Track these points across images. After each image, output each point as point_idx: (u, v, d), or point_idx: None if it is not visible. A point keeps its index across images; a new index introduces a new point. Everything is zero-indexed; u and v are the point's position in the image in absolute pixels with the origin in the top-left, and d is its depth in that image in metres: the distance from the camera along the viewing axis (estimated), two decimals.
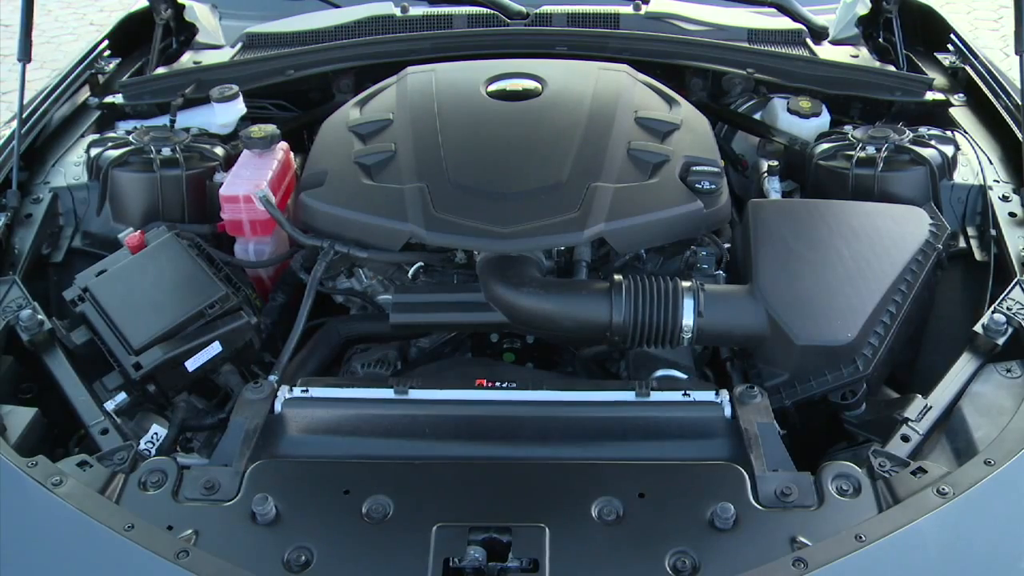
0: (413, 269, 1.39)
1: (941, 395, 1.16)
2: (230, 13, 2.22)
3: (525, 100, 1.46)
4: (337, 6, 2.14)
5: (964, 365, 1.20)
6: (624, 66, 1.62)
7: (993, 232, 1.42)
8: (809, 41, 2.00)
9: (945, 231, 1.37)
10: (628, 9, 2.01)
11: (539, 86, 1.50)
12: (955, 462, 1.06)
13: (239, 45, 2.03)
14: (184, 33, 2.04)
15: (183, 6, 2.02)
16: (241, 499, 1.01)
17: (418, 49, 1.82)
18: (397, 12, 2.01)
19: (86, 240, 1.53)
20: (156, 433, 1.23)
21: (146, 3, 1.99)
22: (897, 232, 1.34)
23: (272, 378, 1.21)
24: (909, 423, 1.13)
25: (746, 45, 1.93)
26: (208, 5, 2.18)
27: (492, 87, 1.50)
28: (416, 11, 2.02)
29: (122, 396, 1.24)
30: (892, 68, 1.86)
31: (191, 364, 1.27)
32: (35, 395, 1.28)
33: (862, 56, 1.93)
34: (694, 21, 1.99)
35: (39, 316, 1.28)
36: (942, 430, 1.13)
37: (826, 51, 1.96)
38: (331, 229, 1.36)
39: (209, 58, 1.97)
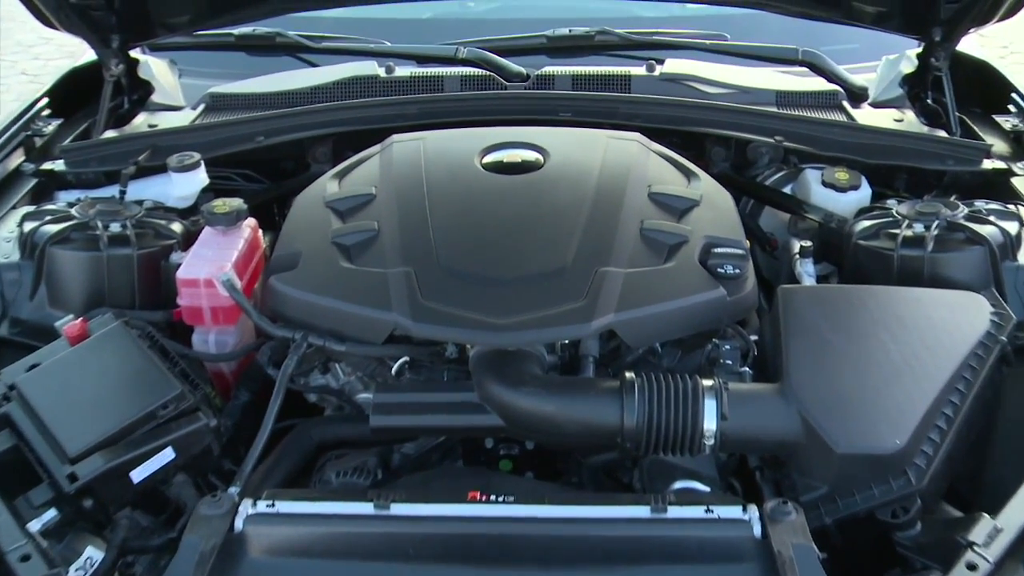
0: (397, 365, 1.46)
1: (1013, 515, 1.17)
2: (191, 70, 2.34)
3: (525, 173, 1.57)
4: (314, 65, 2.28)
5: None
6: (636, 135, 1.74)
7: None
8: (846, 104, 2.11)
9: (1010, 321, 1.42)
10: (641, 70, 2.14)
11: (540, 157, 1.61)
12: None
13: (201, 107, 2.14)
14: (138, 91, 2.13)
15: (137, 61, 2.11)
16: None
17: (404, 115, 1.95)
18: (381, 72, 2.15)
19: (15, 329, 1.58)
20: (90, 558, 1.23)
21: (94, 56, 2.08)
22: (952, 322, 1.40)
23: (233, 490, 1.25)
24: (975, 548, 1.14)
25: (774, 110, 2.05)
26: (166, 61, 2.30)
27: (488, 158, 1.62)
28: (402, 72, 2.15)
29: (51, 513, 1.23)
30: (943, 133, 1.95)
31: (138, 474, 1.29)
32: None
33: (907, 120, 2.03)
34: (715, 83, 2.12)
35: None
36: (1017, 558, 1.13)
37: (866, 115, 2.07)
38: (304, 318, 1.44)
39: (167, 121, 2.08)
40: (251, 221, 1.66)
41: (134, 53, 2.12)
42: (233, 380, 1.59)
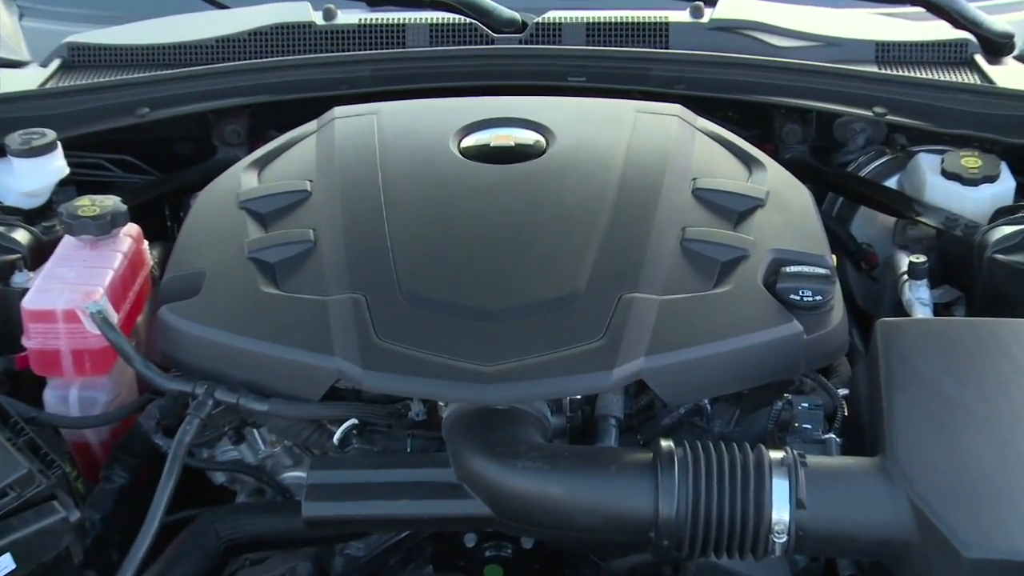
0: (342, 430, 1.50)
1: None
2: (38, 9, 2.40)
3: (520, 162, 1.64)
4: (222, 6, 2.35)
5: None
6: (676, 107, 1.81)
7: None
8: (979, 59, 2.19)
9: None
10: (683, 15, 2.21)
11: (542, 140, 1.68)
12: None
13: (55, 63, 2.19)
14: None
15: None
16: None
17: (351, 79, 2.02)
18: (317, 18, 2.21)
19: None
20: None
21: None
22: None
23: None
24: None
25: (873, 70, 2.12)
26: None
27: (468, 141, 1.69)
28: (347, 18, 2.21)
29: None
30: None
31: None
32: None
33: None
34: (788, 32, 2.19)
35: None
36: None
37: (1009, 73, 2.13)
38: (209, 365, 1.49)
39: (4, 82, 2.12)
40: (132, 228, 1.71)
41: None
42: (104, 454, 1.64)
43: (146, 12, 2.32)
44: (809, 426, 1.46)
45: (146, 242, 1.76)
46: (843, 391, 1.54)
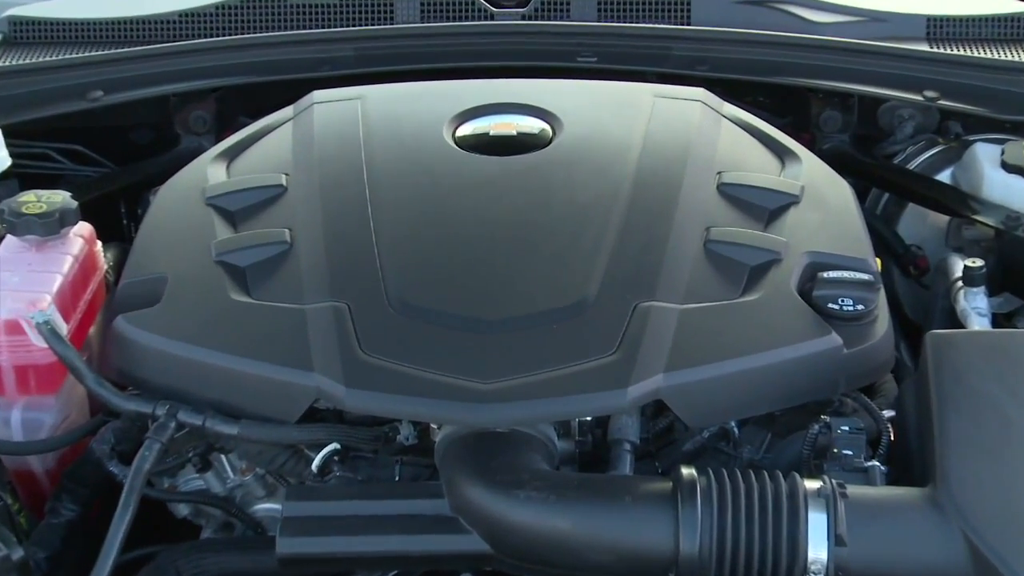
0: (321, 456, 1.51)
1: None
2: None
3: (523, 153, 1.66)
4: None
5: None
6: (699, 91, 1.83)
7: None
8: None
9: None
10: None
11: (547, 128, 1.70)
12: None
13: None
14: None
15: None
16: None
17: (332, 59, 2.04)
18: None
19: None
20: None
21: None
22: None
23: None
24: None
25: (924, 48, 2.14)
26: None
27: (464, 129, 1.71)
28: None
29: None
30: None
31: None
32: None
33: None
34: (826, 6, 2.21)
35: None
36: None
37: None
38: (171, 383, 1.50)
39: None
40: (83, 228, 1.73)
41: None
42: (51, 484, 1.65)
43: None
44: (850, 452, 1.47)
45: (99, 243, 1.77)
46: (888, 413, 1.55)
